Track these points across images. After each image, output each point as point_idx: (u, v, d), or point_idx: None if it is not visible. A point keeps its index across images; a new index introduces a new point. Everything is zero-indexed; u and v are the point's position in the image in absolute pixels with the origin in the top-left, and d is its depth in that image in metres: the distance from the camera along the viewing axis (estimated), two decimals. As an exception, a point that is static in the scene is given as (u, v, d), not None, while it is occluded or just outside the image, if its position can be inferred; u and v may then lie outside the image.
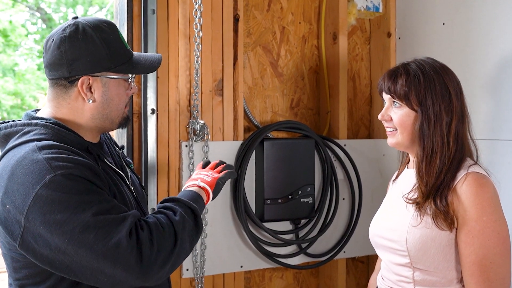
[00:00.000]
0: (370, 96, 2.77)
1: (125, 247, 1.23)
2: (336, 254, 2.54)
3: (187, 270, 2.22)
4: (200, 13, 2.18)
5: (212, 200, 1.55)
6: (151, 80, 2.16)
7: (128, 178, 1.55)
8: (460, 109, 1.56)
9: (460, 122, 1.55)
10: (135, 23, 2.16)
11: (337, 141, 2.54)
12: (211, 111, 2.29)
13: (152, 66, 1.51)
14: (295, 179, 2.39)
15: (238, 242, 2.34)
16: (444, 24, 2.40)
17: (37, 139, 1.32)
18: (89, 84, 1.41)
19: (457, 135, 1.54)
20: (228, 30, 2.32)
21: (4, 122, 1.41)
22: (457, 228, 1.48)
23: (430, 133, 1.53)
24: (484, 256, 1.42)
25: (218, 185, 1.57)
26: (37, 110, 1.49)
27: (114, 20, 2.23)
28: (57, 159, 1.27)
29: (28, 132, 1.36)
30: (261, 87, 2.51)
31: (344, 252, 2.57)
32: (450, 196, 1.48)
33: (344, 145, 2.56)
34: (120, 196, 1.42)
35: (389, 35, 2.67)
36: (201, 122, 2.21)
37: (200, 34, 2.19)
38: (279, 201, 2.35)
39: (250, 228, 2.33)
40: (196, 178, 1.57)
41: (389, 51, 2.67)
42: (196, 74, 2.20)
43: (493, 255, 1.42)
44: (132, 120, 2.15)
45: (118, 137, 2.18)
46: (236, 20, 2.34)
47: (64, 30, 1.40)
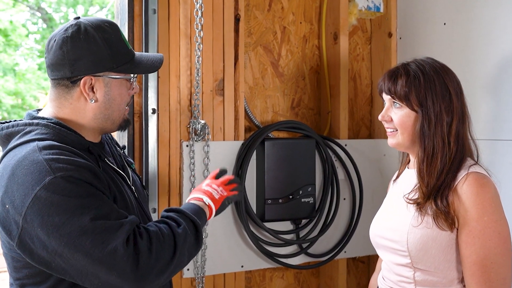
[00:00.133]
0: (371, 96, 2.77)
1: (121, 254, 1.23)
2: (336, 254, 2.54)
3: (187, 270, 2.23)
4: (201, 13, 2.18)
5: (214, 217, 1.56)
6: (152, 80, 2.16)
7: (129, 178, 1.55)
8: (461, 109, 1.55)
9: (461, 122, 1.55)
10: (136, 23, 2.16)
11: (338, 141, 2.54)
12: (212, 111, 2.29)
13: (154, 66, 1.51)
14: (296, 179, 2.39)
15: (239, 242, 2.34)
16: (445, 24, 2.40)
17: (39, 139, 1.33)
18: (91, 84, 1.41)
19: (457, 135, 1.54)
20: (229, 30, 2.32)
21: (5, 122, 1.41)
22: (458, 228, 1.48)
23: (430, 134, 1.53)
24: (485, 256, 1.42)
25: (223, 204, 1.58)
26: (38, 110, 1.49)
27: (115, 20, 2.22)
28: (58, 160, 1.27)
29: (30, 132, 1.36)
30: (262, 87, 2.51)
31: (344, 252, 2.57)
32: (451, 196, 1.48)
33: (345, 145, 2.56)
34: (121, 197, 1.42)
35: (390, 35, 2.67)
36: (202, 122, 2.21)
37: (201, 34, 2.19)
38: (280, 201, 2.35)
39: (251, 228, 2.33)
40: (204, 191, 1.56)
41: (390, 51, 2.67)
42: (197, 74, 2.20)
43: (494, 255, 1.42)
44: (133, 120, 2.16)
45: (119, 137, 2.18)
46: (237, 20, 2.34)
47: (66, 30, 1.40)
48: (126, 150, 2.11)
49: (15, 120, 1.41)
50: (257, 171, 2.36)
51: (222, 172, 1.68)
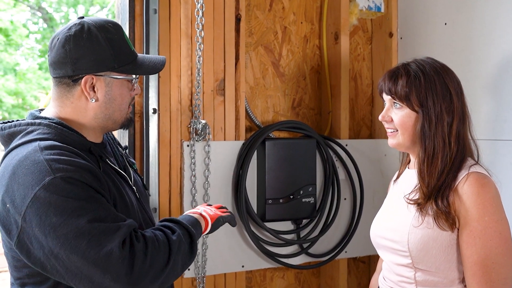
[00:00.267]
0: (371, 96, 2.77)
1: (117, 257, 1.23)
2: (337, 254, 2.54)
3: (188, 270, 2.22)
4: (202, 12, 2.18)
5: (208, 233, 1.55)
6: (153, 80, 2.16)
7: (130, 179, 1.55)
8: (461, 109, 1.55)
9: (461, 122, 1.55)
10: (137, 23, 2.16)
11: (338, 141, 2.54)
12: (213, 111, 2.29)
13: (156, 67, 1.52)
14: (297, 179, 2.39)
15: (239, 242, 2.34)
16: (446, 24, 2.40)
17: (40, 139, 1.33)
18: (92, 83, 1.41)
19: (458, 135, 1.53)
20: (230, 30, 2.32)
21: (8, 122, 1.41)
22: (458, 229, 1.47)
23: (431, 134, 1.52)
24: (486, 256, 1.42)
25: (218, 221, 1.58)
26: (41, 110, 1.49)
27: (115, 19, 2.23)
28: (58, 161, 1.27)
29: (32, 131, 1.36)
30: (262, 87, 2.51)
31: (345, 252, 2.57)
32: (451, 196, 1.48)
33: (346, 145, 2.56)
34: (121, 198, 1.42)
35: (390, 35, 2.67)
36: (203, 122, 2.21)
37: (202, 34, 2.19)
38: (281, 201, 2.35)
39: (252, 228, 2.33)
40: (199, 208, 1.59)
41: (391, 51, 2.67)
42: (198, 74, 2.20)
43: (495, 255, 1.42)
44: (134, 120, 2.16)
45: (119, 137, 2.18)
46: (238, 20, 2.34)
47: (69, 29, 1.40)
48: (127, 151, 2.11)
49: (18, 120, 1.42)
50: (257, 171, 2.36)
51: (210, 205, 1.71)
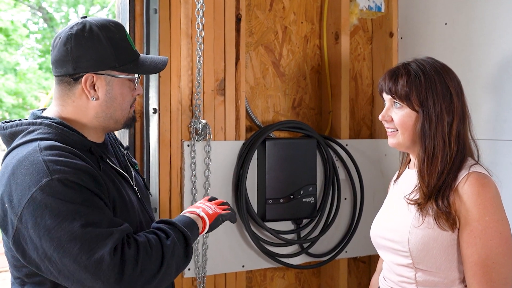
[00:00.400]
0: (372, 96, 2.77)
1: (107, 263, 1.22)
2: (337, 254, 2.54)
3: (188, 269, 2.23)
4: (202, 12, 2.18)
5: (207, 233, 1.54)
6: (153, 80, 2.16)
7: (132, 179, 1.55)
8: (461, 109, 1.55)
9: (461, 122, 1.55)
10: (137, 23, 2.16)
11: (339, 141, 2.54)
12: (213, 111, 2.29)
13: (157, 67, 1.52)
14: (297, 179, 2.39)
15: (240, 242, 2.34)
16: (446, 24, 2.40)
17: (41, 139, 1.33)
18: (93, 82, 1.41)
19: (458, 135, 1.53)
20: (230, 30, 2.32)
21: (10, 121, 1.42)
22: (459, 229, 1.47)
23: (431, 134, 1.52)
24: (486, 256, 1.42)
25: (217, 220, 1.55)
26: (43, 110, 1.50)
27: (115, 19, 2.23)
28: (56, 162, 1.27)
29: (33, 131, 1.37)
30: (263, 86, 2.51)
31: (345, 252, 2.57)
32: (452, 196, 1.48)
33: (346, 145, 2.56)
34: (120, 199, 1.42)
35: (391, 35, 2.67)
36: (203, 121, 2.21)
37: (202, 33, 2.19)
38: (281, 201, 2.35)
39: (252, 228, 2.33)
40: (198, 207, 1.56)
41: (391, 51, 2.67)
42: (198, 74, 2.20)
43: (495, 255, 1.42)
44: (136, 120, 2.15)
45: (120, 137, 2.18)
46: (238, 19, 2.34)
47: (71, 28, 1.42)
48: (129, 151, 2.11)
49: (20, 119, 1.43)
50: (258, 171, 2.36)
51: (213, 199, 1.68)
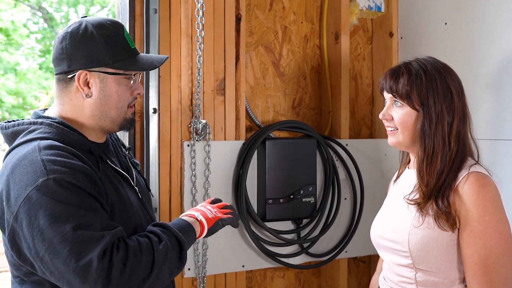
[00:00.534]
0: (372, 95, 2.77)
1: (95, 268, 1.21)
2: (337, 254, 2.54)
3: (188, 269, 2.22)
4: (202, 12, 2.18)
5: (205, 237, 1.51)
6: (153, 80, 2.16)
7: (133, 180, 1.55)
8: (462, 109, 1.55)
9: (462, 122, 1.55)
10: (137, 23, 2.16)
11: (339, 140, 2.54)
12: (213, 111, 2.29)
13: (153, 64, 1.50)
14: (297, 179, 2.39)
15: (240, 241, 2.34)
16: (446, 24, 2.40)
17: (41, 138, 1.34)
18: (86, 79, 1.42)
19: (458, 135, 1.53)
20: (230, 30, 2.32)
21: (12, 121, 1.43)
22: (459, 229, 1.47)
23: (431, 133, 1.52)
24: (486, 256, 1.42)
25: (217, 224, 1.52)
26: (45, 109, 1.50)
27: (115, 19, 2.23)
28: (54, 162, 1.28)
29: (33, 130, 1.38)
30: (263, 86, 2.51)
31: (345, 252, 2.57)
32: (451, 196, 1.48)
33: (346, 145, 2.56)
34: (119, 199, 1.41)
35: (391, 34, 2.67)
36: (203, 121, 2.21)
37: (202, 33, 2.19)
38: (281, 200, 2.35)
39: (252, 228, 2.33)
40: (198, 209, 1.54)
41: (391, 51, 2.66)
42: (198, 74, 2.20)
43: (495, 255, 1.42)
44: (134, 122, 2.15)
45: (120, 137, 2.18)
46: (238, 19, 2.34)
47: (69, 27, 1.44)
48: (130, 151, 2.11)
49: (22, 119, 1.44)
50: (258, 171, 2.36)
51: (217, 201, 1.65)
